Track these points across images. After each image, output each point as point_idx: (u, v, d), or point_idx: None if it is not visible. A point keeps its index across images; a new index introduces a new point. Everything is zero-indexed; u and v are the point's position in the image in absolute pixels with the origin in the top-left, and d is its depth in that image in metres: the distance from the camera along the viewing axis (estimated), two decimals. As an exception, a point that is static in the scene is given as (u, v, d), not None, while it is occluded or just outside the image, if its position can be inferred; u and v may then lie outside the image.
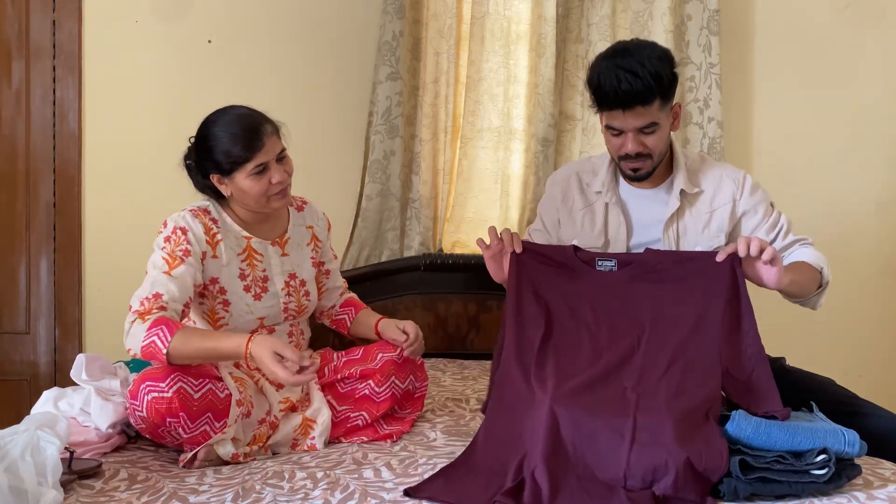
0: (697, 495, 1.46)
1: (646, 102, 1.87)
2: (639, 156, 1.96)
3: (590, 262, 1.91)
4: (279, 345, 1.73)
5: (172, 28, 2.84)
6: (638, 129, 1.92)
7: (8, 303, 2.88)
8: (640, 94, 1.85)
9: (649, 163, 1.98)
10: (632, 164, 1.99)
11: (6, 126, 2.85)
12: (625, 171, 2.04)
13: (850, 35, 3.00)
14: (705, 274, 1.82)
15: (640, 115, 1.89)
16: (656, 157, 1.99)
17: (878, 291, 3.05)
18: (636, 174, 2.01)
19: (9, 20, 2.83)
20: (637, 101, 1.86)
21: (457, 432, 1.94)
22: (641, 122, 1.90)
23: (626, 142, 1.94)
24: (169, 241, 1.87)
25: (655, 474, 1.48)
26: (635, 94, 1.85)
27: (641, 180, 2.04)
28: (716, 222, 2.05)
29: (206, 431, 1.76)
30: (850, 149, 3.03)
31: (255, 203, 1.93)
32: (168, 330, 1.73)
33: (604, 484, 1.51)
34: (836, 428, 1.58)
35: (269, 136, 1.89)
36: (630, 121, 1.90)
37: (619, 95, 1.85)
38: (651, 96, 1.86)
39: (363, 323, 2.16)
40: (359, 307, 2.22)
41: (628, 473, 1.50)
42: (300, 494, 1.54)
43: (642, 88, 1.84)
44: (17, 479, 1.38)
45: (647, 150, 1.95)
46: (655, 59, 1.88)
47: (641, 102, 1.86)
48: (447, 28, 2.81)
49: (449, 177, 2.87)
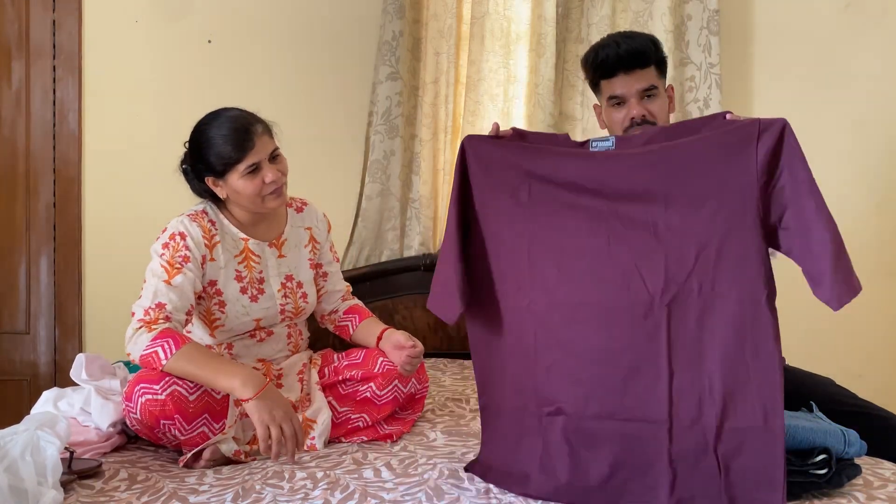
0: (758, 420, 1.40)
1: (644, 64, 1.99)
2: (644, 122, 1.99)
3: (583, 145, 1.63)
4: (286, 418, 1.71)
5: (172, 28, 2.84)
6: (640, 93, 1.99)
7: (8, 303, 2.88)
8: (638, 53, 1.97)
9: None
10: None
11: (6, 126, 2.85)
12: None
13: (850, 35, 2.99)
14: (730, 138, 1.49)
15: (640, 78, 1.98)
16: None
17: (878, 291, 3.04)
18: None
19: (9, 20, 2.83)
20: (637, 61, 1.97)
21: (457, 432, 1.94)
22: (643, 84, 1.99)
23: (630, 109, 2.00)
24: (167, 247, 1.87)
25: (702, 406, 1.43)
26: (634, 53, 1.97)
27: None
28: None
29: (203, 433, 1.76)
30: (850, 149, 3.03)
31: (250, 203, 1.92)
32: (174, 343, 1.73)
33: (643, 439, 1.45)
34: (836, 428, 1.58)
35: (259, 136, 1.88)
36: (632, 84, 1.99)
37: (620, 56, 1.97)
38: (648, 58, 1.99)
39: (368, 332, 2.10)
40: (364, 315, 2.16)
41: (673, 413, 1.44)
42: (300, 494, 1.54)
43: (640, 47, 1.98)
44: (17, 479, 1.38)
45: (651, 118, 2.00)
46: (647, 36, 2.07)
47: (640, 64, 1.98)
48: (447, 28, 2.81)
49: (449, 177, 2.87)
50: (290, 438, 1.71)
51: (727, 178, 1.46)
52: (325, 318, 2.20)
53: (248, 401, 1.71)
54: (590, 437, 1.51)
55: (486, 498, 1.52)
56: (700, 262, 1.47)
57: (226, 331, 1.96)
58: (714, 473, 1.44)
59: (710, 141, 1.50)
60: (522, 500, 1.51)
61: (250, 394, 1.71)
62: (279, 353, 2.04)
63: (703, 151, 1.50)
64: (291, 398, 1.94)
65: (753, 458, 1.43)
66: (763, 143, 1.45)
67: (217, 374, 1.74)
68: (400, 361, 1.96)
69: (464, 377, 2.47)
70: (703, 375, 1.46)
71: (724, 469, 1.44)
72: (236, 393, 1.73)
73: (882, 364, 3.06)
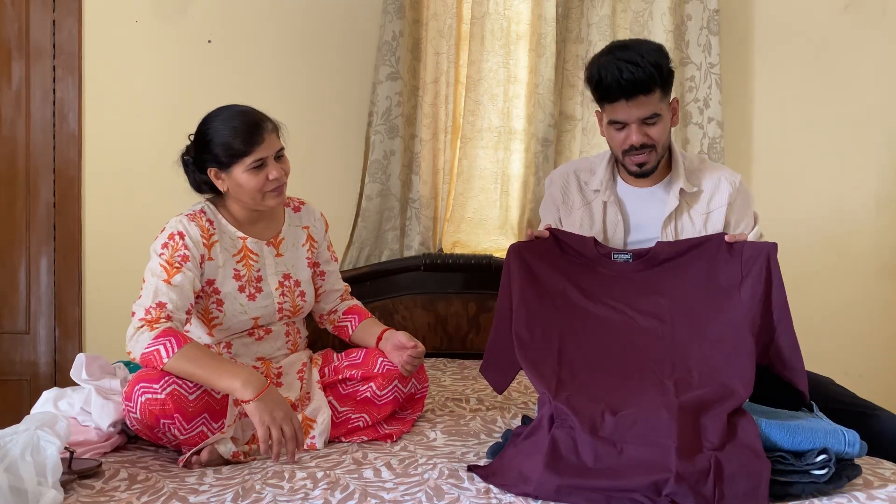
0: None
1: (647, 91, 1.92)
2: (643, 147, 1.98)
3: (607, 255, 2.00)
4: (286, 419, 1.73)
5: (172, 28, 2.84)
6: (641, 120, 1.95)
7: (8, 303, 2.88)
8: (641, 82, 1.90)
9: (654, 155, 2.01)
10: (637, 159, 2.00)
11: (6, 126, 2.85)
12: (629, 168, 2.04)
13: (850, 35, 3.00)
14: (719, 255, 1.90)
15: (642, 105, 1.93)
16: (660, 149, 2.02)
17: (879, 291, 3.05)
18: (641, 169, 2.02)
19: (9, 20, 2.83)
20: (639, 90, 1.91)
21: (457, 432, 1.94)
22: (644, 113, 1.94)
23: (630, 134, 1.97)
24: (167, 247, 1.87)
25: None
26: (637, 82, 1.90)
27: (646, 176, 2.05)
28: (712, 223, 2.06)
29: (203, 432, 1.77)
30: (849, 148, 3.03)
31: (251, 199, 1.93)
32: (176, 342, 1.74)
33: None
34: (836, 428, 1.58)
35: (269, 133, 1.90)
36: (633, 111, 1.94)
37: (621, 85, 1.90)
38: (652, 85, 1.92)
39: (367, 332, 2.10)
40: (363, 316, 2.16)
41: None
42: (300, 494, 1.54)
43: (644, 77, 1.90)
44: (17, 479, 1.38)
45: (651, 141, 1.98)
46: (653, 51, 1.95)
47: (643, 91, 1.92)
48: (447, 28, 2.81)
49: (449, 177, 2.87)
50: (290, 440, 1.72)
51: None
52: (324, 317, 2.20)
53: (248, 402, 1.72)
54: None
55: (485, 498, 1.52)
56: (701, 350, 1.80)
57: (224, 329, 1.96)
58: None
59: (710, 266, 1.90)
60: (522, 500, 1.51)
61: (251, 395, 1.71)
62: (278, 351, 2.04)
63: (705, 274, 1.90)
64: (291, 397, 1.94)
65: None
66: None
67: (218, 375, 1.74)
68: (401, 361, 1.96)
69: (464, 377, 2.47)
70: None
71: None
72: (237, 394, 1.74)
73: (882, 364, 3.06)
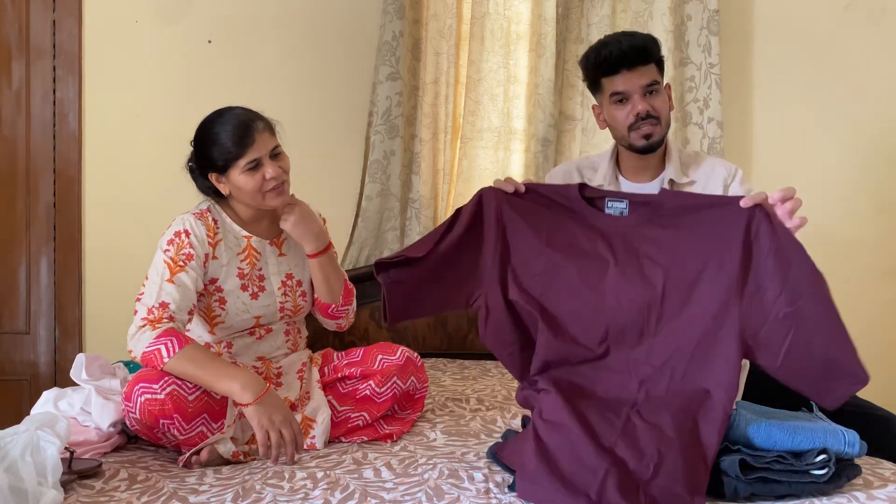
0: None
1: (646, 60, 2.02)
2: (649, 117, 2.02)
3: (598, 203, 1.76)
4: (285, 422, 1.73)
5: (172, 28, 2.84)
6: (643, 89, 2.01)
7: (8, 303, 2.88)
8: (641, 49, 2.01)
9: (659, 128, 2.05)
10: (644, 130, 2.03)
11: (6, 126, 2.85)
12: (636, 144, 2.05)
13: (850, 35, 3.00)
14: (729, 223, 1.63)
15: (643, 74, 2.01)
16: (664, 123, 2.06)
17: (879, 291, 3.05)
18: (649, 141, 2.04)
19: (9, 20, 2.83)
20: (639, 58, 2.00)
21: (457, 432, 1.94)
22: (645, 80, 2.01)
23: (634, 104, 2.02)
24: (172, 244, 1.88)
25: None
26: (637, 49, 2.00)
27: (653, 150, 2.07)
28: None
29: (202, 432, 1.77)
30: (850, 148, 3.03)
31: (252, 200, 1.93)
32: (177, 342, 1.74)
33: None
34: (836, 428, 1.58)
35: (260, 133, 1.89)
36: (635, 80, 2.01)
37: (623, 52, 2.00)
38: (650, 54, 2.03)
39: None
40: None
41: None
42: (300, 494, 1.54)
43: (642, 44, 2.02)
44: (17, 479, 1.38)
45: (655, 112, 2.03)
46: (646, 34, 2.11)
47: (642, 60, 2.01)
48: (447, 28, 2.82)
49: (449, 177, 2.87)
50: (289, 443, 1.72)
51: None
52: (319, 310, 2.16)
53: (247, 405, 1.72)
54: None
55: (485, 498, 1.52)
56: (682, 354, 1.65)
57: (225, 328, 1.96)
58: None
59: (714, 234, 1.66)
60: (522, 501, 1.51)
61: (250, 398, 1.72)
62: (278, 350, 2.04)
63: (706, 244, 1.67)
64: (290, 396, 1.94)
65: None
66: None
67: (217, 377, 1.75)
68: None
69: (464, 377, 2.47)
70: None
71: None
72: (236, 397, 1.74)
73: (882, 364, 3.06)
